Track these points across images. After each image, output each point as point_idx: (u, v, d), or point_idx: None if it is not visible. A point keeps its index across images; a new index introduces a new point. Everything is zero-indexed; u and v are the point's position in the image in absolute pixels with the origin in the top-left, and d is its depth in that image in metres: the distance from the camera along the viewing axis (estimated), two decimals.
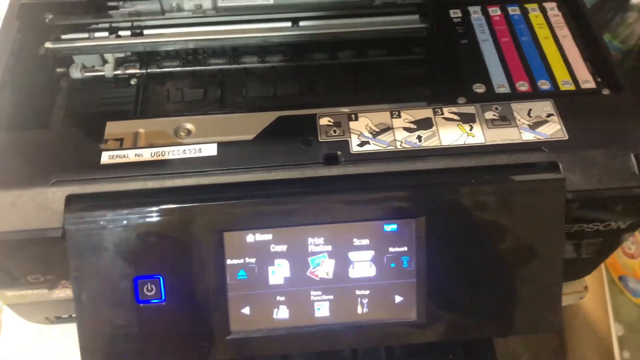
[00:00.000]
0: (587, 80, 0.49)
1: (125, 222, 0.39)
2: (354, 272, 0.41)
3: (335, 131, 0.45)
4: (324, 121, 0.46)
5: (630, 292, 0.93)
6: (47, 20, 0.57)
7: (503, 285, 0.41)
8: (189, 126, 0.52)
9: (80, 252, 0.39)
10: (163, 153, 0.44)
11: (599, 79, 0.49)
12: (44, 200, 0.39)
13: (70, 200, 0.39)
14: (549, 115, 0.45)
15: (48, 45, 0.57)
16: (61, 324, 0.53)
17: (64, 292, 0.45)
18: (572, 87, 0.48)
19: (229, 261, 0.40)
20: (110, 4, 0.59)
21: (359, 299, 0.41)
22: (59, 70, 0.58)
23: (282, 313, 0.41)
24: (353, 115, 0.46)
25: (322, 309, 0.42)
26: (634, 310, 0.90)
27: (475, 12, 0.55)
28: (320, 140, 0.44)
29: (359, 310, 0.42)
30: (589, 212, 0.43)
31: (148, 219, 0.39)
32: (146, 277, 0.39)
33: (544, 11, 0.54)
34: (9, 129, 0.47)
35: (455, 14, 0.55)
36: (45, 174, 0.41)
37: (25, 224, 0.39)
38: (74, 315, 0.51)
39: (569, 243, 0.47)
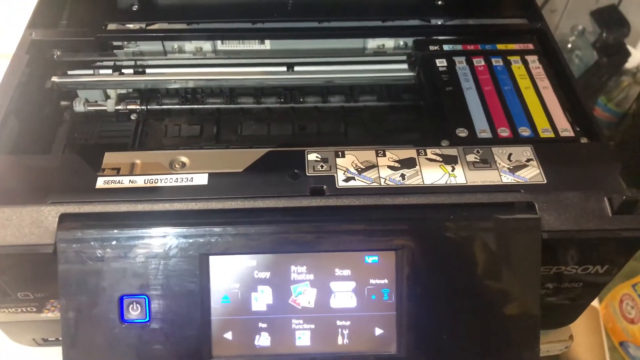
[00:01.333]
0: (566, 129, 0.51)
1: (114, 241, 0.40)
2: (335, 302, 0.42)
3: (322, 166, 0.47)
4: (311, 157, 0.48)
5: (632, 359, 0.92)
6: (55, 57, 0.60)
7: (481, 322, 0.42)
8: (184, 159, 0.54)
9: (70, 269, 0.40)
10: (156, 180, 0.45)
11: (578, 128, 0.51)
12: (38, 217, 0.41)
13: (63, 218, 0.41)
14: (529, 160, 0.47)
15: (54, 79, 0.59)
16: (47, 346, 0.53)
17: (52, 314, 0.46)
18: (551, 134, 0.51)
19: (213, 285, 0.41)
20: (115, 43, 0.62)
21: (339, 330, 0.42)
22: (63, 103, 0.60)
23: (263, 340, 0.42)
24: (340, 153, 0.48)
25: (303, 338, 0.42)
26: None
27: (460, 62, 0.58)
28: (308, 174, 0.46)
29: (340, 341, 0.42)
30: (565, 253, 0.44)
31: (136, 240, 0.41)
32: (132, 296, 0.40)
33: (525, 63, 0.57)
34: (13, 152, 0.49)
35: (441, 63, 0.58)
36: (43, 194, 0.43)
37: (20, 239, 0.40)
38: (60, 338, 0.51)
39: (549, 287, 0.48)
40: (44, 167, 0.47)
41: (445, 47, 0.60)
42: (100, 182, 0.45)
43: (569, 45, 1.24)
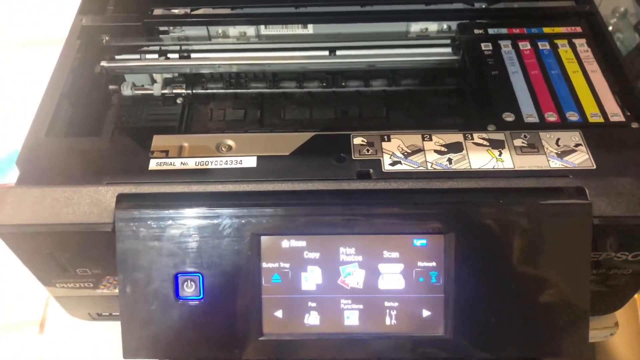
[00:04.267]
0: (616, 114, 0.50)
1: (170, 221, 0.42)
2: (384, 284, 0.43)
3: (368, 150, 0.47)
4: (357, 140, 0.48)
5: None
6: (104, 42, 0.62)
7: (529, 307, 0.42)
8: (230, 142, 0.55)
9: (127, 247, 0.41)
10: (207, 162, 0.46)
11: (628, 113, 0.50)
12: (97, 197, 0.42)
13: (120, 198, 0.42)
14: (577, 145, 0.47)
15: (103, 64, 0.61)
16: (102, 321, 0.55)
17: (108, 289, 0.48)
18: (600, 119, 0.50)
19: (264, 264, 0.42)
20: (161, 28, 0.64)
21: (387, 311, 0.43)
22: (111, 87, 0.62)
23: (312, 319, 0.43)
24: (386, 137, 0.48)
25: (351, 318, 0.43)
26: None
27: (505, 45, 0.57)
28: (354, 158, 0.46)
29: (387, 322, 0.43)
30: (616, 239, 0.43)
31: (191, 220, 0.42)
32: (187, 274, 0.42)
33: (573, 47, 0.56)
34: (67, 135, 0.51)
35: (486, 47, 0.57)
36: (98, 175, 0.44)
37: (80, 217, 0.42)
38: (114, 313, 0.54)
39: (597, 273, 0.47)
40: (98, 149, 0.48)
41: (490, 31, 0.59)
42: (153, 164, 0.46)
43: (610, 28, 1.20)
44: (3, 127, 0.77)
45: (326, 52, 0.62)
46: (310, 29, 0.64)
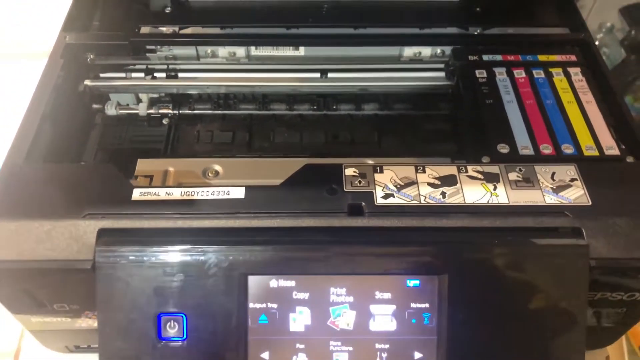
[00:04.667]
0: (611, 147, 0.49)
1: (153, 259, 0.40)
2: (375, 325, 0.41)
3: (360, 182, 0.46)
4: (349, 171, 0.47)
5: None
6: (88, 60, 0.60)
7: (524, 349, 0.41)
8: (217, 168, 0.54)
9: (108, 285, 0.40)
10: (192, 193, 0.45)
11: (623, 146, 0.49)
12: (76, 232, 0.40)
13: (101, 233, 0.40)
14: (573, 179, 0.46)
15: (87, 82, 0.59)
16: (79, 353, 0.53)
17: (86, 322, 0.46)
18: (595, 152, 0.49)
19: (251, 305, 0.41)
20: (148, 47, 0.62)
21: (378, 353, 0.41)
22: (95, 106, 0.60)
23: None
24: (378, 168, 0.47)
25: None
26: None
27: (500, 73, 0.56)
28: (345, 190, 0.45)
29: None
30: (612, 280, 0.43)
31: (175, 258, 0.40)
32: (170, 314, 0.40)
33: (568, 75, 0.56)
34: (46, 160, 0.49)
35: (480, 74, 0.56)
36: (78, 206, 0.42)
37: (58, 254, 0.40)
38: (92, 345, 0.52)
39: (591, 310, 0.46)
40: (79, 176, 0.46)
41: (485, 57, 0.58)
42: (137, 194, 0.45)
43: (597, 43, 1.21)
44: None
45: (317, 75, 0.61)
46: (302, 50, 0.62)
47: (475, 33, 0.62)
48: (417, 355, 0.41)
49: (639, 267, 0.40)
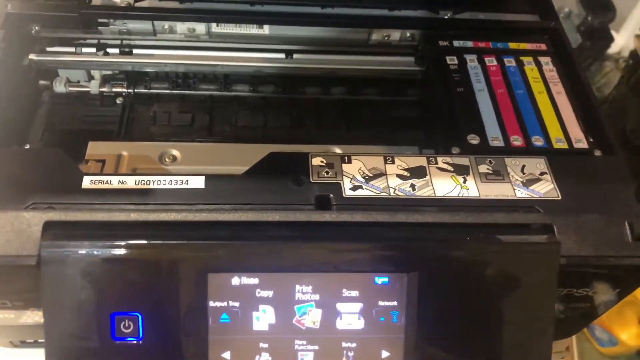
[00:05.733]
0: (580, 140, 0.49)
1: (105, 254, 0.37)
2: (342, 324, 0.40)
3: (327, 172, 0.44)
4: (316, 161, 0.45)
5: (597, 341, 0.93)
6: (33, 32, 0.55)
7: (492, 348, 0.40)
8: (175, 152, 0.51)
9: (55, 283, 0.36)
10: (148, 182, 0.42)
11: (591, 140, 0.49)
12: (20, 225, 0.37)
13: (47, 227, 0.37)
14: (542, 173, 0.45)
15: (32, 56, 0.55)
16: (26, 348, 0.50)
17: (32, 318, 0.43)
18: (564, 145, 0.49)
19: (211, 303, 0.38)
20: (100, 20, 0.57)
21: (344, 352, 0.40)
22: (42, 82, 0.56)
23: None
24: (346, 157, 0.45)
25: (305, 359, 0.40)
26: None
27: (471, 60, 0.55)
28: (312, 180, 0.43)
29: None
30: (579, 277, 0.42)
31: (129, 254, 0.37)
32: (124, 313, 0.37)
33: (539, 65, 0.55)
34: None
35: (451, 60, 0.55)
36: (22, 195, 0.39)
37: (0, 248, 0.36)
38: (39, 340, 0.48)
39: (556, 305, 0.46)
40: (23, 161, 0.43)
41: (456, 43, 0.57)
42: (87, 182, 0.41)
43: None
44: None
45: (283, 55, 0.58)
46: (266, 29, 0.59)
47: (446, 17, 0.60)
48: (385, 354, 0.40)
49: (607, 265, 0.40)
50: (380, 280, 0.39)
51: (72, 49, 0.57)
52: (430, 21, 0.60)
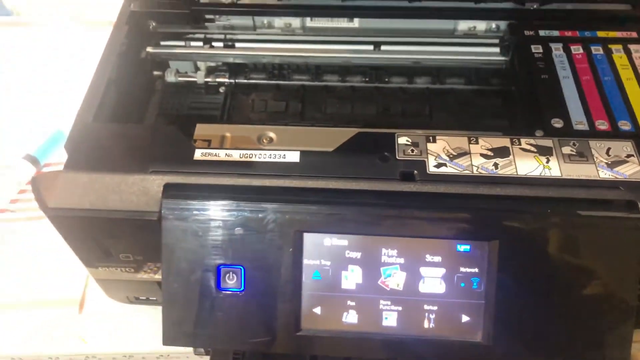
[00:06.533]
0: None
1: (215, 213, 0.42)
2: (424, 287, 0.43)
3: (412, 151, 0.47)
4: (402, 140, 0.47)
5: None
6: (150, 28, 0.62)
7: (571, 318, 0.41)
8: (272, 135, 0.55)
9: (173, 236, 0.42)
10: (251, 155, 0.47)
11: None
12: (144, 186, 0.43)
13: (167, 188, 0.43)
14: (629, 155, 0.45)
15: (149, 49, 0.62)
16: (140, 304, 0.57)
17: (147, 275, 0.49)
18: None
19: (306, 261, 0.42)
20: (207, 16, 0.64)
21: (426, 314, 0.43)
22: (156, 73, 0.62)
23: (351, 317, 0.43)
24: (431, 137, 0.48)
25: (389, 319, 0.43)
26: None
27: (557, 48, 0.56)
28: (398, 158, 0.46)
29: (426, 325, 0.43)
30: None
31: (236, 213, 0.42)
32: (229, 266, 0.42)
33: (628, 52, 0.55)
34: (112, 121, 0.51)
35: (536, 49, 0.56)
36: (144, 163, 0.45)
37: (127, 205, 0.42)
38: (151, 297, 0.55)
39: None
40: (144, 136, 0.49)
41: (541, 33, 0.58)
42: (198, 154, 0.47)
43: None
44: (46, 107, 0.78)
45: (371, 47, 0.62)
46: (356, 22, 0.63)
47: (532, 8, 0.61)
48: (465, 318, 0.42)
49: None
50: (462, 247, 0.41)
51: (182, 43, 0.63)
52: (515, 12, 0.61)
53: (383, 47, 0.62)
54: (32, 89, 0.81)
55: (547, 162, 0.46)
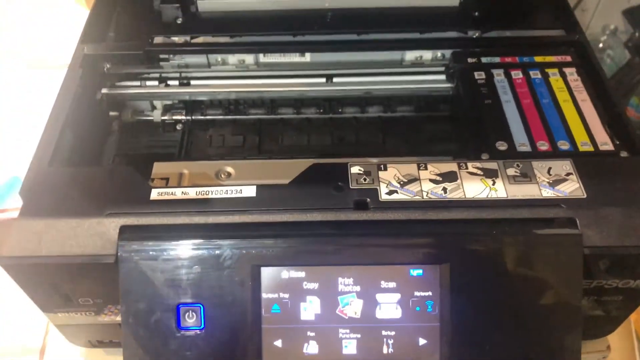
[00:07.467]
0: (606, 143, 0.52)
1: (171, 253, 0.43)
2: (381, 313, 0.44)
3: (365, 179, 0.48)
4: (354, 170, 0.49)
5: None
6: (105, 69, 0.63)
7: (522, 334, 0.43)
8: (229, 169, 0.56)
9: (130, 278, 0.42)
10: (207, 192, 0.47)
11: (617, 142, 0.52)
12: (100, 229, 0.43)
13: (123, 230, 0.43)
14: (568, 174, 0.48)
15: (104, 91, 0.62)
16: (102, 347, 0.56)
17: (109, 317, 0.49)
18: (590, 148, 0.51)
19: (264, 295, 0.43)
20: (161, 56, 0.65)
21: (385, 339, 0.44)
22: (112, 113, 0.63)
23: (312, 348, 0.44)
24: (382, 166, 0.49)
25: (349, 347, 0.44)
26: None
27: (498, 74, 0.59)
28: (351, 187, 0.47)
29: (385, 350, 0.44)
30: (606, 268, 0.45)
31: (192, 252, 0.43)
32: (188, 304, 0.43)
33: (563, 75, 0.58)
34: (68, 164, 0.52)
35: (479, 75, 0.59)
36: (100, 206, 0.45)
37: (83, 249, 0.43)
38: (114, 340, 0.54)
39: (589, 300, 0.48)
40: (100, 178, 0.49)
41: (483, 60, 0.60)
42: (154, 194, 0.47)
43: (601, 45, 1.22)
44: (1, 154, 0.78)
45: (323, 80, 0.64)
46: (308, 57, 0.65)
47: (474, 37, 0.64)
48: (422, 341, 0.43)
49: (630, 254, 0.42)
50: (415, 272, 0.43)
51: (138, 83, 0.64)
52: (459, 41, 0.64)
53: (335, 79, 0.64)
54: None
55: (493, 184, 0.48)
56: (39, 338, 0.60)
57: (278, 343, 0.44)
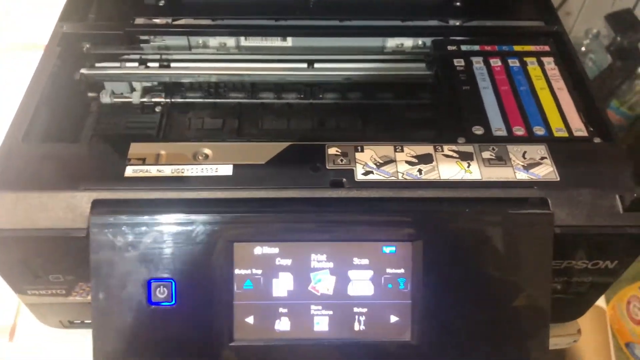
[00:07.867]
0: (580, 129, 0.52)
1: (144, 227, 0.42)
2: (353, 290, 0.44)
3: (342, 160, 0.48)
4: (332, 151, 0.49)
5: (637, 359, 0.93)
6: (84, 49, 0.62)
7: (492, 312, 0.43)
8: (207, 151, 0.56)
9: (101, 252, 0.42)
10: (183, 170, 0.47)
11: (591, 129, 0.52)
12: (72, 202, 0.43)
13: (95, 204, 0.43)
14: (542, 158, 0.49)
15: (83, 71, 0.61)
16: (73, 328, 0.55)
17: (80, 297, 0.48)
18: (565, 134, 0.52)
19: (237, 271, 0.43)
20: (142, 37, 0.64)
21: (356, 316, 0.44)
22: (90, 94, 0.62)
23: (283, 325, 0.44)
24: (359, 147, 0.50)
25: (321, 324, 0.44)
26: None
27: (477, 62, 0.59)
28: (328, 167, 0.47)
29: (356, 327, 0.44)
30: (576, 248, 0.45)
31: (165, 226, 0.42)
32: (159, 279, 0.42)
33: (541, 64, 0.58)
34: (44, 141, 0.51)
35: (458, 62, 0.59)
36: (74, 181, 0.45)
37: (54, 223, 0.42)
38: (86, 320, 0.54)
39: (559, 281, 0.49)
40: (75, 155, 0.49)
41: (463, 48, 0.61)
42: (129, 171, 0.47)
43: (583, 49, 1.24)
44: None
45: (304, 65, 0.64)
46: (290, 41, 0.65)
47: (455, 25, 0.65)
48: (393, 318, 0.44)
49: (600, 233, 0.43)
50: (387, 249, 0.43)
51: (117, 64, 0.63)
52: (440, 29, 0.64)
53: (316, 65, 0.64)
54: None
55: (468, 166, 0.48)
56: (10, 317, 0.59)
57: (250, 320, 0.44)
